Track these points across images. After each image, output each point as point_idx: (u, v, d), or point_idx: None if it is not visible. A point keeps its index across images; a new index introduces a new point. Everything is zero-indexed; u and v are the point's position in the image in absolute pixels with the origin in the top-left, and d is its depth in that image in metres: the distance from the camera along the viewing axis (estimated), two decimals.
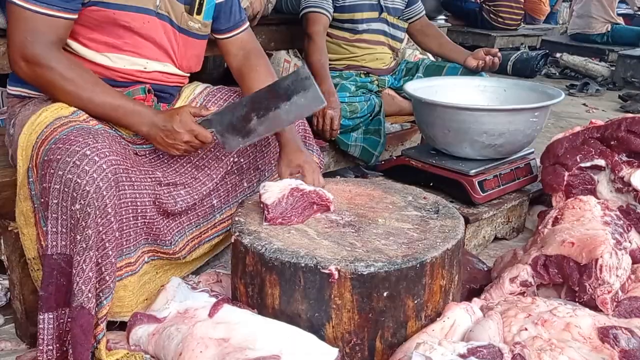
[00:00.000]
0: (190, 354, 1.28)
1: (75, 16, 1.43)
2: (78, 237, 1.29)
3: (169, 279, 1.57)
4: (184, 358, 1.28)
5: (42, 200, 1.32)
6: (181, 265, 1.70)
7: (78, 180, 1.27)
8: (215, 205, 1.72)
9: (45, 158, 1.31)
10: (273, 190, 1.50)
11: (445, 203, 1.67)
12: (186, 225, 1.64)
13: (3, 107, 1.75)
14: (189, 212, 1.64)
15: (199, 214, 1.67)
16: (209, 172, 1.68)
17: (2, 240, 1.54)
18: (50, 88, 1.43)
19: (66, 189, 1.27)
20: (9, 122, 1.56)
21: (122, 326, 1.50)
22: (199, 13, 1.64)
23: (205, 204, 1.69)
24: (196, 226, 1.67)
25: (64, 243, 1.31)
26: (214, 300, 1.40)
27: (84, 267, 1.29)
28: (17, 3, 1.36)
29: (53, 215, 1.30)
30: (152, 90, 1.61)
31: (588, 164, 2.06)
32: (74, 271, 1.29)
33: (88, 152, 1.29)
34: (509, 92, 2.39)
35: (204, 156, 1.69)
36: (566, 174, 2.07)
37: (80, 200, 1.27)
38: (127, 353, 1.38)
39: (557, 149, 2.11)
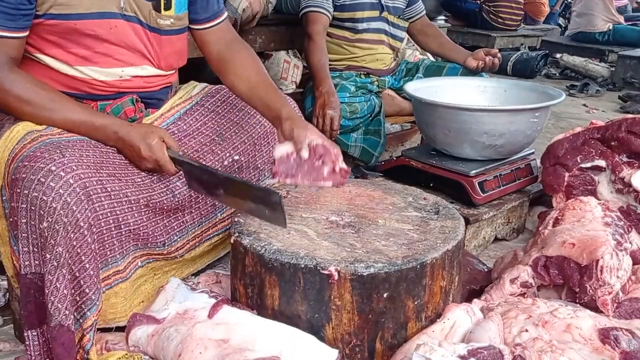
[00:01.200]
0: (189, 355, 1.27)
1: (25, 34, 1.37)
2: (48, 256, 1.26)
3: (168, 280, 1.56)
4: (183, 359, 1.28)
5: (11, 219, 1.30)
6: (181, 267, 1.69)
7: (44, 197, 1.24)
8: (217, 203, 1.71)
9: (13, 177, 1.28)
10: (285, 146, 1.47)
11: (445, 204, 1.66)
12: (189, 224, 1.62)
13: None
14: (193, 211, 1.62)
15: (202, 212, 1.66)
16: (204, 163, 1.65)
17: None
18: (8, 110, 1.40)
19: (33, 208, 1.25)
20: None
21: (122, 327, 1.49)
22: (167, 8, 1.55)
23: (208, 202, 1.67)
24: (199, 225, 1.66)
25: (36, 262, 1.30)
26: (213, 301, 1.40)
27: (58, 286, 1.27)
28: None
29: (23, 234, 1.28)
30: (139, 99, 1.57)
31: (588, 165, 2.06)
32: (47, 290, 1.27)
33: (53, 168, 1.26)
34: (509, 93, 2.39)
35: (199, 149, 1.65)
36: (566, 174, 2.07)
37: (47, 218, 1.25)
38: (126, 354, 1.37)
39: (557, 149, 2.11)
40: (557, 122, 4.23)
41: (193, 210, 1.63)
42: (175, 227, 1.59)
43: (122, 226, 1.43)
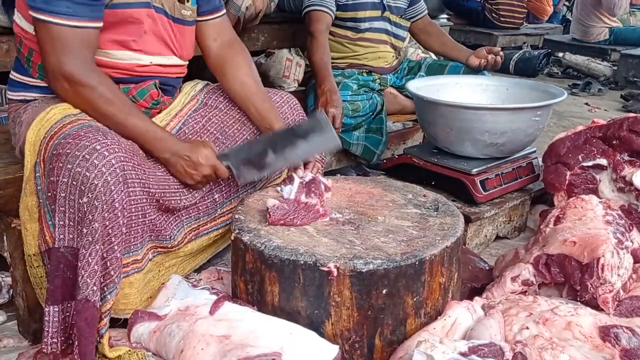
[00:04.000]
0: (191, 351, 1.28)
1: (101, 24, 1.43)
2: (84, 231, 1.29)
3: (169, 277, 1.57)
4: (185, 355, 1.28)
5: (50, 193, 1.33)
6: (182, 263, 1.70)
7: (87, 173, 1.28)
8: (217, 200, 1.72)
9: (54, 152, 1.32)
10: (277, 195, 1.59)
11: (445, 201, 1.67)
12: (184, 218, 1.65)
13: (5, 104, 1.74)
14: (190, 207, 1.65)
15: (200, 208, 1.68)
16: None
17: (5, 237, 1.54)
18: (87, 106, 1.44)
19: (74, 182, 1.29)
20: (14, 124, 1.56)
21: (124, 323, 1.50)
22: (188, 0, 1.65)
23: (207, 198, 1.69)
24: (195, 219, 1.68)
25: (70, 236, 1.32)
26: (214, 297, 1.40)
27: (90, 261, 1.29)
28: (46, 20, 1.35)
29: (60, 208, 1.31)
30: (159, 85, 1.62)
31: (590, 164, 2.06)
32: (80, 264, 1.30)
33: (98, 147, 1.30)
34: (511, 91, 2.39)
35: None
36: (568, 173, 2.07)
37: (88, 194, 1.28)
38: (129, 350, 1.38)
39: (559, 148, 2.11)
40: (559, 121, 4.22)
41: (190, 207, 1.65)
42: (173, 222, 1.61)
43: (146, 215, 1.48)
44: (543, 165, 2.22)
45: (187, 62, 1.73)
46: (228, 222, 1.73)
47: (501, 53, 2.65)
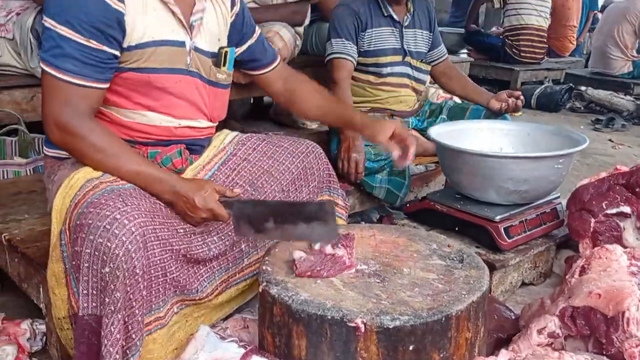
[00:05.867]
0: None
1: (107, 85, 1.49)
2: (107, 300, 1.33)
3: (198, 327, 1.60)
4: None
5: (74, 262, 1.37)
6: (210, 313, 1.73)
7: (108, 244, 1.31)
8: (244, 249, 1.76)
9: (78, 222, 1.36)
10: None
11: (469, 252, 1.68)
12: (216, 270, 1.68)
13: (42, 153, 1.82)
14: (220, 257, 1.68)
15: (229, 258, 1.71)
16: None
17: (41, 289, 1.59)
18: (78, 155, 1.49)
19: (97, 253, 1.32)
20: (48, 179, 1.63)
21: None
22: (224, 65, 1.71)
23: (235, 248, 1.72)
24: (225, 270, 1.71)
25: (94, 304, 1.35)
26: (242, 351, 1.42)
27: (112, 330, 1.33)
28: (51, 74, 1.42)
29: (84, 278, 1.34)
30: (185, 149, 1.67)
31: (614, 211, 2.05)
32: (103, 332, 1.33)
33: (118, 216, 1.33)
34: (533, 136, 2.40)
35: None
36: (592, 220, 2.07)
37: (109, 264, 1.31)
38: None
39: (583, 195, 2.11)
40: (583, 159, 4.21)
41: (220, 257, 1.68)
42: (204, 274, 1.64)
43: (167, 274, 1.50)
44: (567, 210, 2.22)
45: (217, 123, 1.79)
46: (255, 272, 1.76)
47: (522, 97, 2.68)
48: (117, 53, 1.47)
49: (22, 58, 2.34)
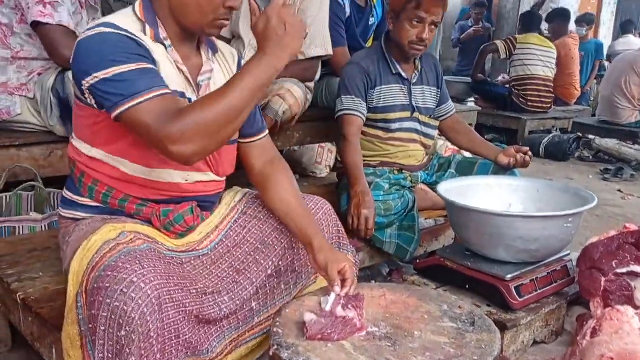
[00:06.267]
0: None
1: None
2: None
3: None
4: None
5: (90, 326, 1.38)
6: None
7: (124, 307, 1.33)
8: (255, 308, 1.76)
9: (95, 285, 1.38)
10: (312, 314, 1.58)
11: (480, 314, 1.68)
12: (226, 329, 1.68)
13: (58, 208, 1.86)
14: (230, 316, 1.69)
15: (239, 317, 1.72)
16: (249, 275, 1.74)
17: (54, 350, 1.60)
18: (205, 134, 1.41)
19: (113, 316, 1.33)
20: (63, 240, 1.66)
21: None
22: None
23: (245, 307, 1.73)
24: (235, 329, 1.71)
25: None
26: None
27: None
28: (139, 102, 1.38)
29: (100, 341, 1.36)
30: (197, 206, 1.70)
31: (624, 270, 2.05)
32: None
33: (135, 279, 1.35)
34: (542, 193, 2.42)
35: (244, 260, 1.76)
36: (603, 279, 2.06)
37: (126, 327, 1.33)
38: None
39: (593, 253, 2.12)
40: (592, 210, 4.16)
41: (230, 316, 1.69)
42: (214, 333, 1.65)
43: (180, 335, 1.50)
44: (577, 268, 2.22)
45: (224, 178, 1.81)
46: (265, 330, 1.77)
47: (530, 153, 2.71)
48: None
49: (42, 116, 2.41)
